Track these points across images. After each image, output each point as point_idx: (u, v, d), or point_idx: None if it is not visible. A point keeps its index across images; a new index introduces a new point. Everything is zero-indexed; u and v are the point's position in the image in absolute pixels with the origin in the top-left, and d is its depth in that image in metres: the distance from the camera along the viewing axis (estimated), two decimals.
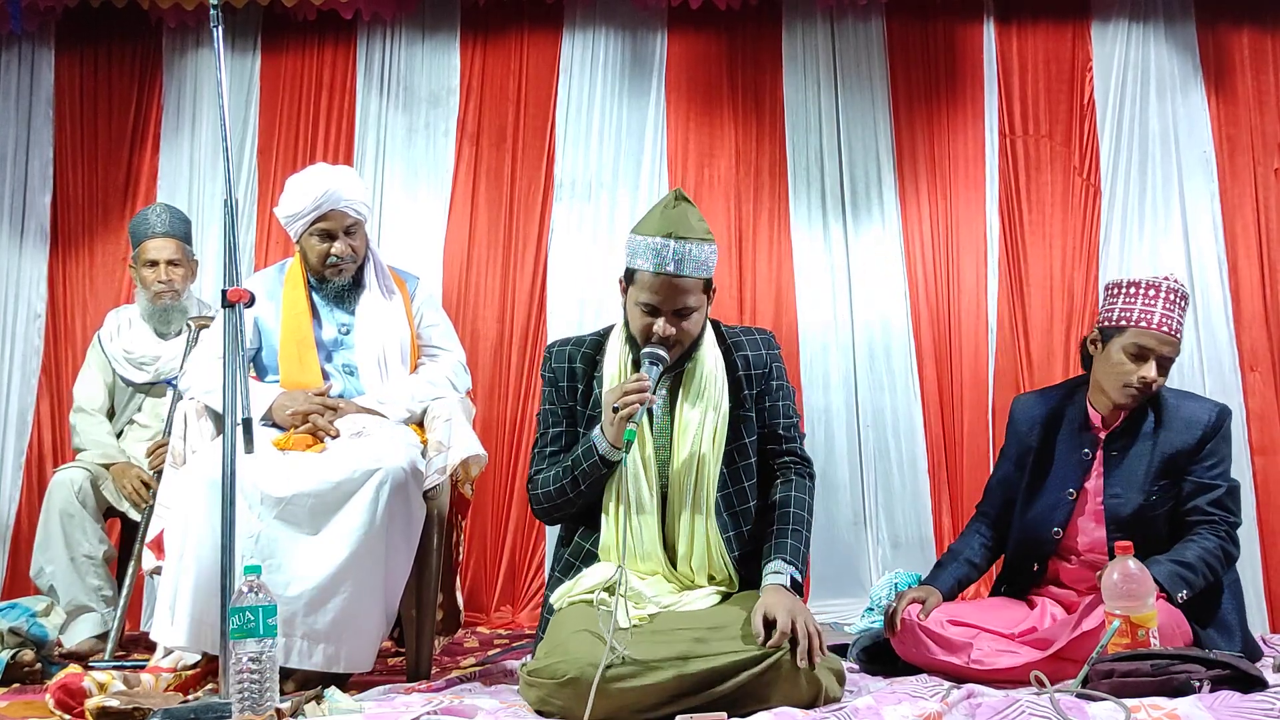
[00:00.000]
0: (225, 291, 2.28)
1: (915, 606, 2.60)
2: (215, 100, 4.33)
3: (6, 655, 2.74)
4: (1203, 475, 2.60)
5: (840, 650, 2.89)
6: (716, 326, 2.49)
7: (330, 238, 2.92)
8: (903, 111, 4.41)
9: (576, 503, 2.40)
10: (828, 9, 4.43)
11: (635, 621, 2.17)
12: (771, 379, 2.46)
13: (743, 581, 2.38)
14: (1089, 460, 2.68)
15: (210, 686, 2.46)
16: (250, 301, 2.32)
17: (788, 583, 2.24)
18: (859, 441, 4.25)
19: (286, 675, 2.50)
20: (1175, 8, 4.40)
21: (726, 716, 1.98)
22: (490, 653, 3.31)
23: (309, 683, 2.49)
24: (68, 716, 2.25)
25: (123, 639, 3.26)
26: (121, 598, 3.27)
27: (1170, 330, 2.59)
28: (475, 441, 2.89)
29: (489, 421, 4.20)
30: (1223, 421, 2.63)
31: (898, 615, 2.60)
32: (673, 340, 2.31)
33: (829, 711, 2.02)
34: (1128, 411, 2.66)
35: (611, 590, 2.20)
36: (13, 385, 4.35)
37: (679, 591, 2.34)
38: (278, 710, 2.00)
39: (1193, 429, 2.61)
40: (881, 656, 2.68)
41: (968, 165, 4.37)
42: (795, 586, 2.26)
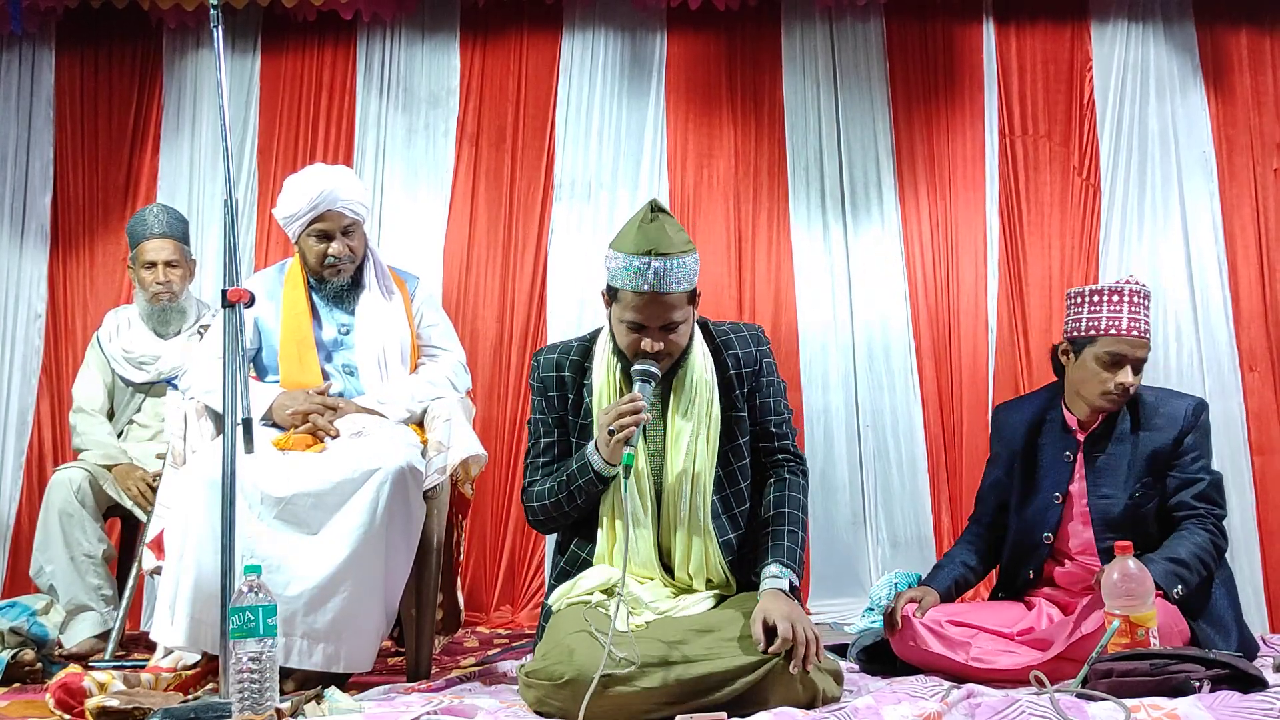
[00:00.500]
0: (225, 291, 2.28)
1: (912, 605, 2.60)
2: (215, 100, 4.33)
3: (7, 655, 2.75)
4: (1185, 470, 2.63)
5: (840, 650, 2.89)
6: (705, 326, 2.46)
7: (328, 238, 2.92)
8: (902, 112, 4.41)
9: (572, 515, 2.39)
10: (826, 9, 4.43)
11: (631, 628, 2.17)
12: (762, 375, 2.43)
13: (739, 584, 2.37)
14: (1071, 463, 2.71)
15: (210, 686, 2.46)
16: (250, 301, 2.32)
17: (786, 587, 2.23)
18: (858, 441, 4.25)
19: (286, 675, 2.50)
20: (1174, 8, 4.40)
21: (726, 716, 1.99)
22: (490, 653, 3.31)
23: (309, 682, 2.49)
24: (68, 716, 2.25)
25: (123, 639, 3.26)
26: (124, 598, 3.27)
27: (1140, 333, 2.62)
28: (475, 441, 2.90)
29: (489, 421, 4.21)
30: (1200, 415, 2.66)
31: (896, 614, 2.60)
32: (662, 355, 2.29)
33: (829, 711, 2.03)
34: (1105, 414, 2.69)
35: (610, 592, 2.20)
36: (13, 385, 4.35)
37: (675, 596, 2.33)
38: (278, 710, 2.00)
39: (1171, 425, 2.64)
40: (881, 656, 2.68)
41: (967, 165, 4.37)
42: (793, 591, 2.25)
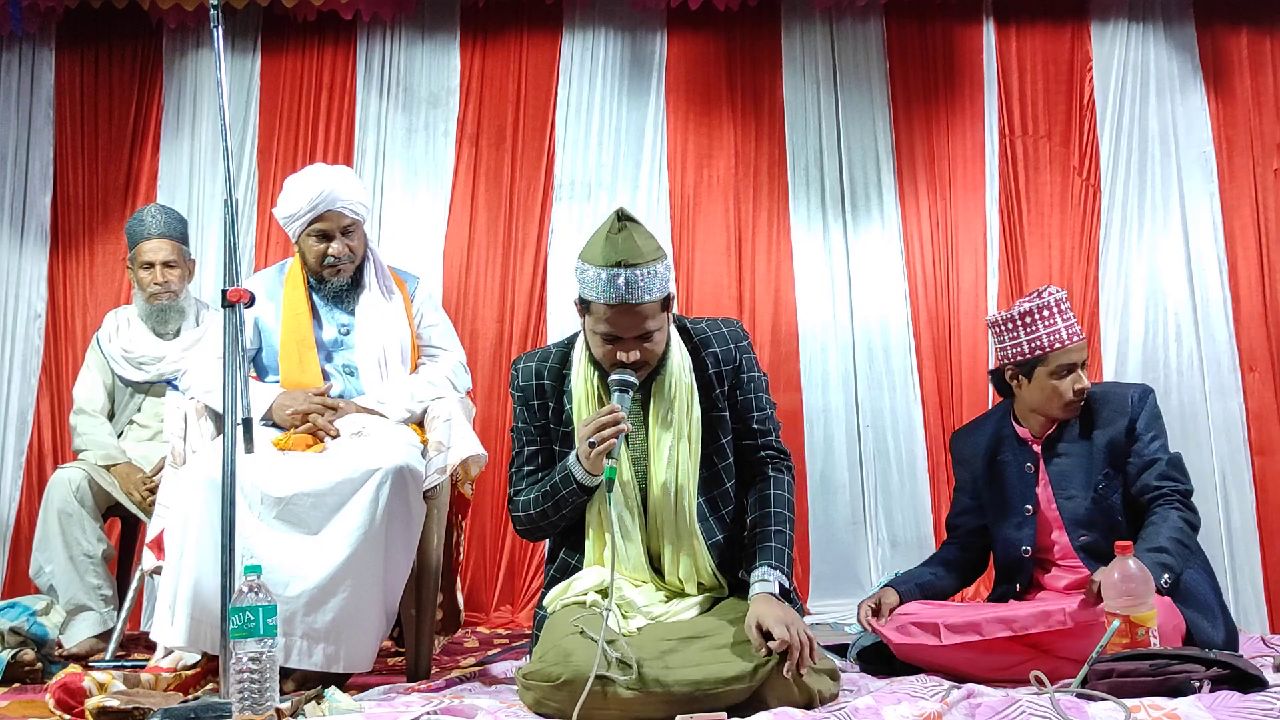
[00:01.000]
0: (225, 291, 2.29)
1: (875, 618, 2.66)
2: (215, 101, 4.33)
3: (7, 655, 2.75)
4: (1143, 453, 2.67)
5: (839, 650, 2.90)
6: (682, 326, 2.43)
7: (327, 238, 2.92)
8: (902, 112, 4.41)
9: (559, 525, 2.39)
10: (826, 10, 4.43)
11: (624, 633, 2.17)
12: (742, 372, 2.40)
13: (731, 585, 2.36)
14: (1034, 474, 2.75)
15: (210, 686, 2.47)
16: (250, 301, 2.33)
17: (776, 590, 2.21)
18: (858, 441, 4.25)
19: (286, 675, 2.50)
20: (1174, 8, 4.40)
21: (726, 717, 1.99)
22: (491, 652, 3.30)
23: (309, 682, 2.49)
24: (68, 716, 2.25)
25: (123, 639, 3.26)
26: (127, 599, 3.27)
27: (1079, 336, 2.71)
28: (475, 441, 2.90)
29: (489, 421, 4.21)
30: (1146, 399, 2.72)
31: (866, 621, 2.66)
32: (639, 363, 2.26)
33: (829, 711, 2.03)
34: (1057, 420, 2.75)
35: (604, 594, 2.20)
36: (13, 385, 4.35)
37: (668, 601, 2.33)
38: (277, 710, 2.00)
39: (1120, 414, 2.69)
40: (881, 656, 2.69)
41: (967, 165, 4.37)
42: (784, 592, 2.23)
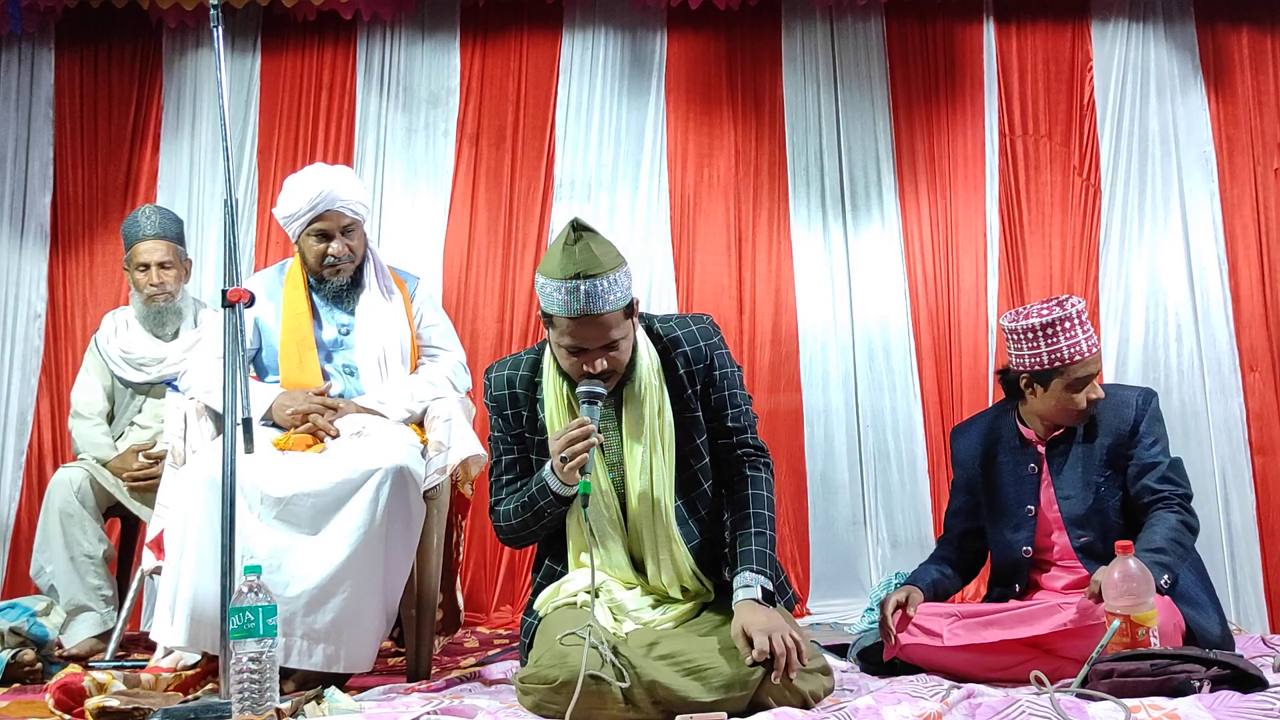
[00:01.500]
0: (225, 291, 2.29)
1: (899, 613, 2.63)
2: (215, 100, 4.32)
3: (7, 655, 2.75)
4: (1144, 456, 2.67)
5: (840, 650, 2.90)
6: (649, 326, 2.37)
7: (327, 238, 2.92)
8: (902, 111, 4.41)
9: (539, 533, 2.38)
10: (827, 9, 4.43)
11: (615, 637, 2.16)
12: (714, 369, 2.34)
13: (717, 586, 2.35)
14: (1036, 474, 2.75)
15: (210, 686, 2.46)
16: (250, 301, 2.33)
17: (759, 595, 2.18)
18: (859, 441, 4.25)
19: (286, 675, 2.50)
20: (1175, 8, 4.40)
21: (726, 717, 1.99)
22: (490, 653, 3.30)
23: (309, 683, 2.49)
24: (68, 716, 2.25)
25: (123, 639, 3.26)
26: (127, 600, 3.27)
27: (1097, 348, 2.69)
28: (475, 441, 2.90)
29: (488, 421, 4.19)
30: (1149, 402, 2.72)
31: (890, 623, 2.62)
32: (607, 373, 2.22)
33: (829, 711, 2.03)
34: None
35: (595, 593, 2.20)
36: (13, 385, 4.35)
37: (655, 605, 2.32)
38: (278, 710, 2.00)
39: (1124, 417, 2.70)
40: (881, 656, 2.69)
41: (968, 165, 4.37)
42: (767, 595, 2.20)
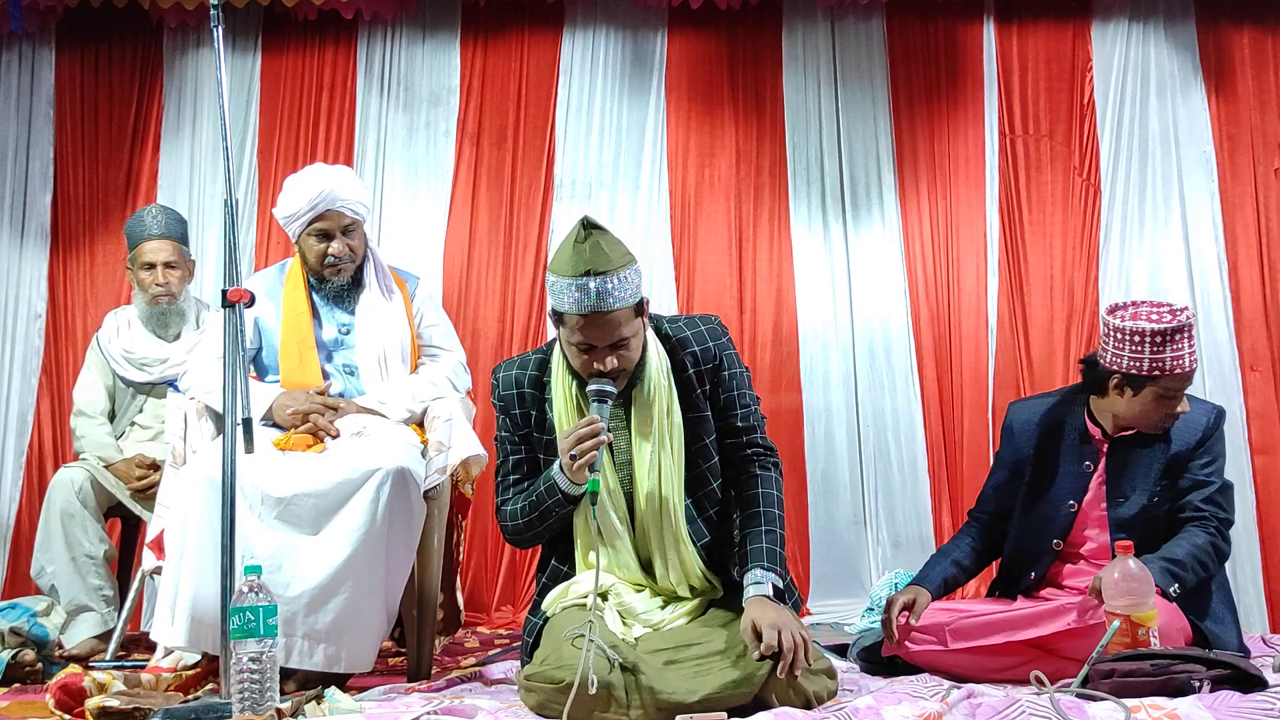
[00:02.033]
0: (225, 291, 2.29)
1: (905, 615, 2.62)
2: (215, 100, 4.32)
3: (7, 655, 2.75)
4: (1198, 473, 2.65)
5: (840, 650, 2.90)
6: (658, 326, 2.39)
7: (327, 238, 2.92)
8: (903, 111, 4.40)
9: (545, 534, 2.38)
10: (828, 8, 4.43)
11: (622, 641, 2.16)
12: (723, 369, 2.36)
13: (725, 585, 2.36)
14: (1090, 472, 2.71)
15: (210, 686, 2.46)
16: (250, 301, 2.33)
17: (769, 592, 2.19)
18: (859, 441, 4.25)
19: (287, 675, 2.50)
20: (1175, 7, 4.39)
21: (726, 717, 1.99)
22: (491, 653, 3.31)
23: (309, 683, 2.49)
24: (68, 716, 2.25)
25: (123, 639, 3.26)
26: (128, 600, 3.27)
27: (1194, 363, 2.62)
28: (475, 441, 2.90)
29: (489, 421, 4.16)
30: (1219, 423, 2.70)
31: (893, 623, 2.61)
32: (617, 371, 2.23)
33: (829, 711, 2.03)
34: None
35: (604, 595, 2.20)
36: (13, 385, 4.34)
37: (664, 606, 2.32)
38: (278, 710, 2.00)
39: (1193, 430, 2.67)
40: (881, 656, 2.69)
41: (968, 165, 4.37)
42: (778, 593, 2.21)
